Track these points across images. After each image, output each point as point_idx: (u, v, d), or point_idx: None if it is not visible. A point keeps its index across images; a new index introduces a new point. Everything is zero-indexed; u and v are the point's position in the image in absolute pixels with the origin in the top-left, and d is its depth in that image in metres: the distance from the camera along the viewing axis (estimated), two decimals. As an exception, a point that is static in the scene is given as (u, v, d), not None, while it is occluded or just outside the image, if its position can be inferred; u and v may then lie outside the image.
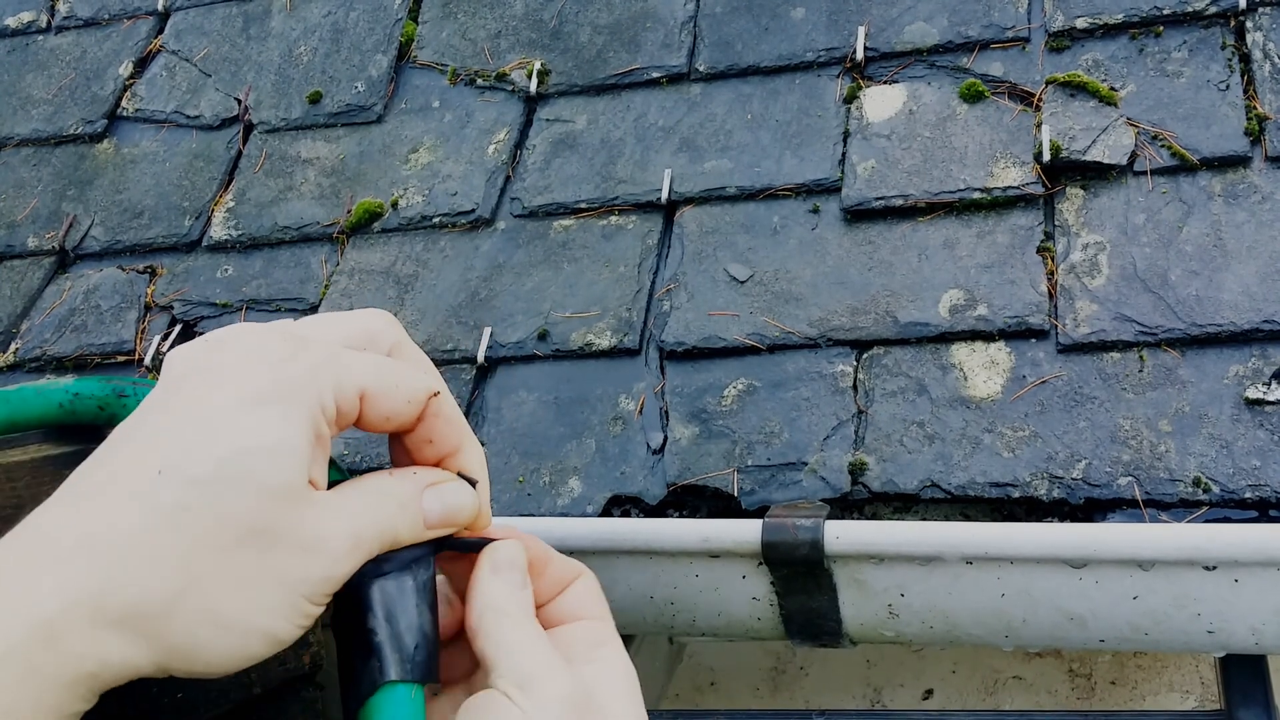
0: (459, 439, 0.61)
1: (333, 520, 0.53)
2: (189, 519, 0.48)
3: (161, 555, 0.47)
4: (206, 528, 0.48)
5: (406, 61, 1.90)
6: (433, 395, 0.59)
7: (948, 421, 1.30)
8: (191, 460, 0.49)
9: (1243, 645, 1.15)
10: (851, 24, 1.68)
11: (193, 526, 0.48)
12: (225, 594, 0.49)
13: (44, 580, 0.46)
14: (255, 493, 0.49)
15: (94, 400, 0.71)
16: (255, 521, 0.49)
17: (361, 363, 0.56)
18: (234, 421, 0.51)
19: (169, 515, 0.48)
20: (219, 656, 0.49)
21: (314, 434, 0.53)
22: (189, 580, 0.48)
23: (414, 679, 0.57)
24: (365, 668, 0.57)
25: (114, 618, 0.46)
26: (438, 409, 0.59)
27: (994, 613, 1.19)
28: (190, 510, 0.48)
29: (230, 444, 0.50)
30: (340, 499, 0.54)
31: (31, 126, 2.05)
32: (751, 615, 1.28)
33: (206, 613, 0.48)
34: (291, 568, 0.51)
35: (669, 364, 1.46)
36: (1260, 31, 1.48)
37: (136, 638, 0.47)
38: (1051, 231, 1.42)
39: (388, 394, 0.56)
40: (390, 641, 0.58)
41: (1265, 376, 1.24)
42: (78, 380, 0.72)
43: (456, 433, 0.60)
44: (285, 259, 1.74)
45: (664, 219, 1.60)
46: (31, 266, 1.86)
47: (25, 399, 0.71)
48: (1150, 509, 1.18)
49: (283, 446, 0.51)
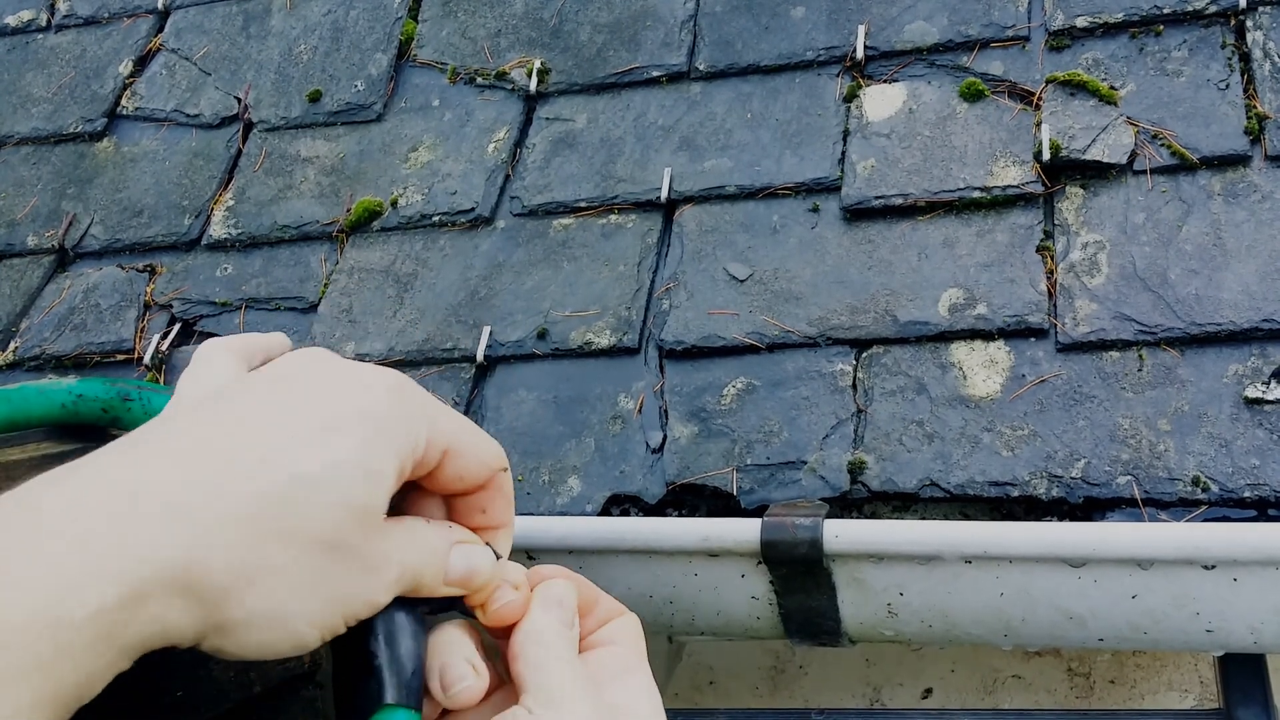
0: (505, 519, 0.63)
1: (392, 549, 0.55)
2: (280, 511, 0.50)
3: (244, 538, 0.49)
4: (293, 524, 0.50)
5: (406, 60, 1.90)
6: (502, 469, 0.61)
7: (947, 420, 1.30)
8: (297, 457, 0.51)
9: (1241, 644, 1.15)
10: (851, 23, 1.68)
11: (281, 519, 0.50)
12: (288, 589, 0.50)
13: (137, 543, 0.47)
14: (340, 505, 0.51)
15: (98, 403, 0.71)
16: (335, 533, 0.51)
17: (452, 419, 0.58)
18: (333, 434, 0.52)
19: (257, 505, 0.50)
20: (252, 645, 0.51)
21: (399, 467, 0.54)
22: (264, 567, 0.50)
23: (411, 705, 0.58)
24: (364, 688, 0.58)
25: (191, 587, 0.48)
26: (501, 483, 0.61)
27: (993, 612, 1.19)
28: (284, 503, 0.50)
29: (326, 454, 0.52)
30: (396, 532, 0.56)
31: (31, 125, 2.05)
32: (751, 614, 1.28)
33: (268, 602, 0.50)
34: (347, 584, 0.53)
35: (668, 363, 1.46)
36: (1260, 31, 1.48)
37: (198, 609, 0.49)
38: (1051, 230, 1.42)
39: (468, 455, 0.58)
40: (390, 665, 0.58)
41: (1264, 375, 1.24)
42: (81, 381, 0.72)
43: (507, 515, 0.62)
44: (285, 258, 1.74)
45: (664, 218, 1.60)
46: (31, 265, 1.86)
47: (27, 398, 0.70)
48: (1149, 508, 1.18)
49: (377, 470, 0.53)
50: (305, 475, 0.51)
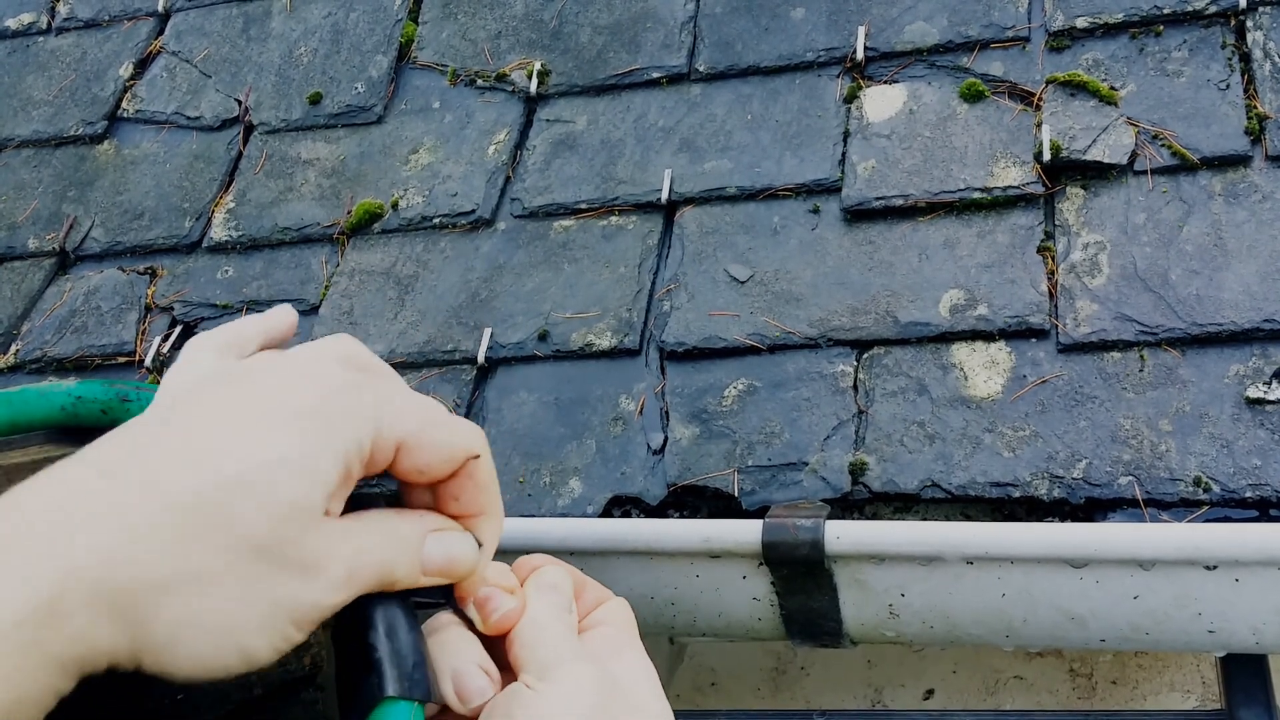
0: (484, 505, 0.60)
1: (335, 548, 0.52)
2: (201, 516, 0.48)
3: (166, 543, 0.47)
4: (216, 527, 0.48)
5: (406, 62, 1.90)
6: (472, 458, 0.58)
7: (948, 421, 1.30)
8: (219, 461, 0.49)
9: (1243, 645, 1.15)
10: (851, 24, 1.68)
11: (203, 523, 0.48)
12: (215, 597, 0.48)
13: (53, 551, 0.45)
14: (271, 505, 0.49)
15: (97, 404, 0.71)
16: (264, 534, 0.49)
17: (413, 411, 0.56)
18: (269, 432, 0.51)
19: (183, 508, 0.48)
20: (192, 661, 0.49)
21: (344, 467, 0.52)
22: (186, 574, 0.48)
23: (414, 697, 0.57)
24: (365, 683, 0.58)
25: (108, 598, 0.46)
26: (472, 471, 0.58)
27: (994, 613, 1.19)
28: (205, 508, 0.48)
29: (260, 453, 0.50)
30: (345, 529, 0.53)
31: (32, 128, 2.06)
32: (752, 615, 1.28)
33: (193, 612, 0.48)
34: (285, 587, 0.50)
35: (669, 364, 1.46)
36: (1260, 31, 1.48)
37: (123, 623, 0.47)
38: (1052, 231, 1.42)
39: (426, 449, 0.56)
40: (391, 658, 0.58)
41: (1266, 376, 1.24)
42: (80, 383, 0.72)
43: (484, 500, 0.60)
44: (286, 260, 1.74)
45: (664, 219, 1.60)
46: (32, 268, 1.86)
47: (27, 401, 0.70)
48: (1151, 509, 1.18)
49: (308, 466, 0.51)
50: (234, 475, 0.49)
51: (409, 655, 0.59)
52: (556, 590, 0.63)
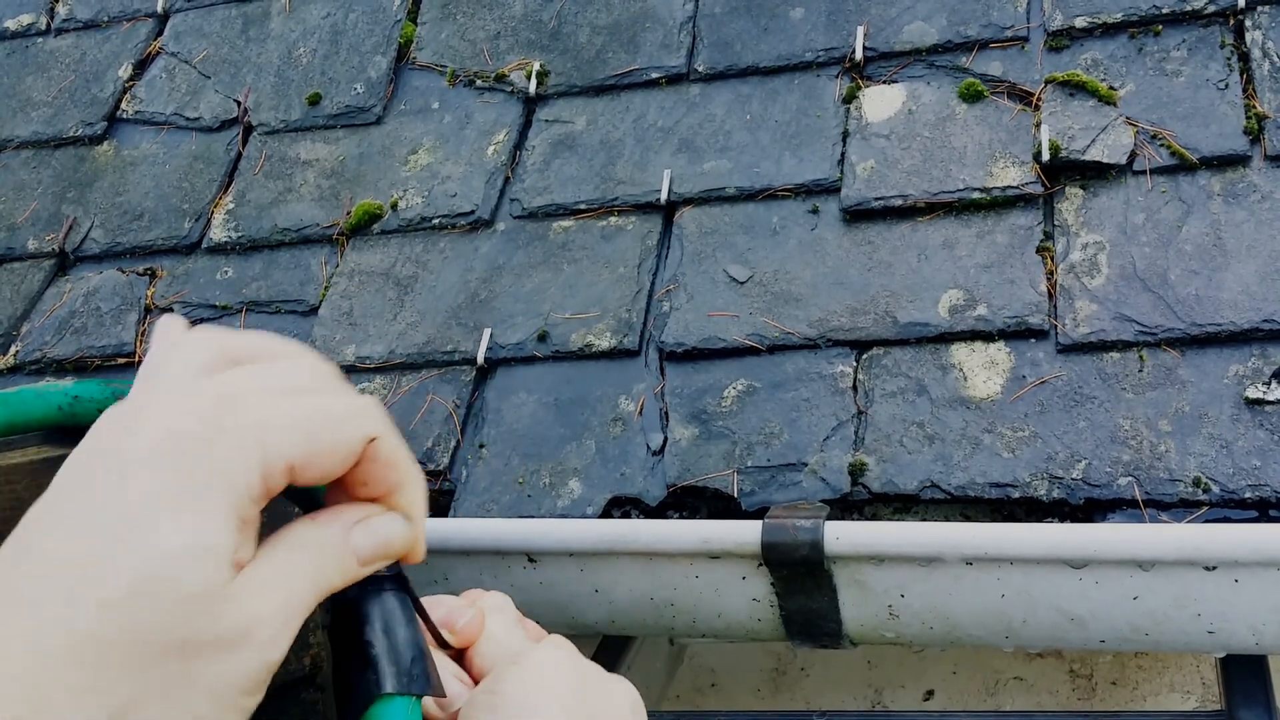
0: (396, 480, 0.57)
1: (256, 607, 0.49)
2: (107, 643, 0.45)
3: (83, 683, 0.44)
4: (126, 649, 0.45)
5: (405, 63, 1.90)
6: (369, 441, 0.55)
7: (947, 422, 1.30)
8: (105, 576, 0.46)
9: (1243, 645, 1.15)
10: (850, 24, 1.68)
11: (112, 651, 0.45)
12: (154, 712, 0.46)
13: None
14: (173, 604, 0.46)
15: (94, 403, 0.71)
16: (176, 634, 0.46)
17: (295, 421, 0.52)
18: (148, 526, 0.47)
19: (87, 640, 0.45)
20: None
21: (238, 522, 0.49)
22: (114, 706, 0.45)
23: (411, 692, 0.57)
24: (362, 679, 0.57)
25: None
26: (374, 454, 0.55)
27: (994, 613, 1.19)
28: (107, 634, 0.45)
29: (144, 554, 0.46)
30: (262, 579, 0.50)
31: (31, 129, 2.06)
32: (752, 616, 1.28)
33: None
34: (218, 672, 0.47)
35: (669, 365, 1.46)
36: (1259, 30, 1.48)
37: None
38: (1051, 231, 1.42)
39: (319, 458, 0.53)
40: (388, 654, 0.58)
41: (1265, 376, 1.24)
42: (77, 383, 0.72)
43: (394, 475, 0.57)
44: (285, 261, 1.74)
45: (663, 220, 1.60)
46: (31, 269, 1.86)
47: (24, 401, 0.70)
48: (1150, 509, 1.18)
49: (201, 550, 0.47)
50: (117, 595, 0.45)
51: (406, 650, 0.58)
52: (502, 610, 0.68)
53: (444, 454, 1.44)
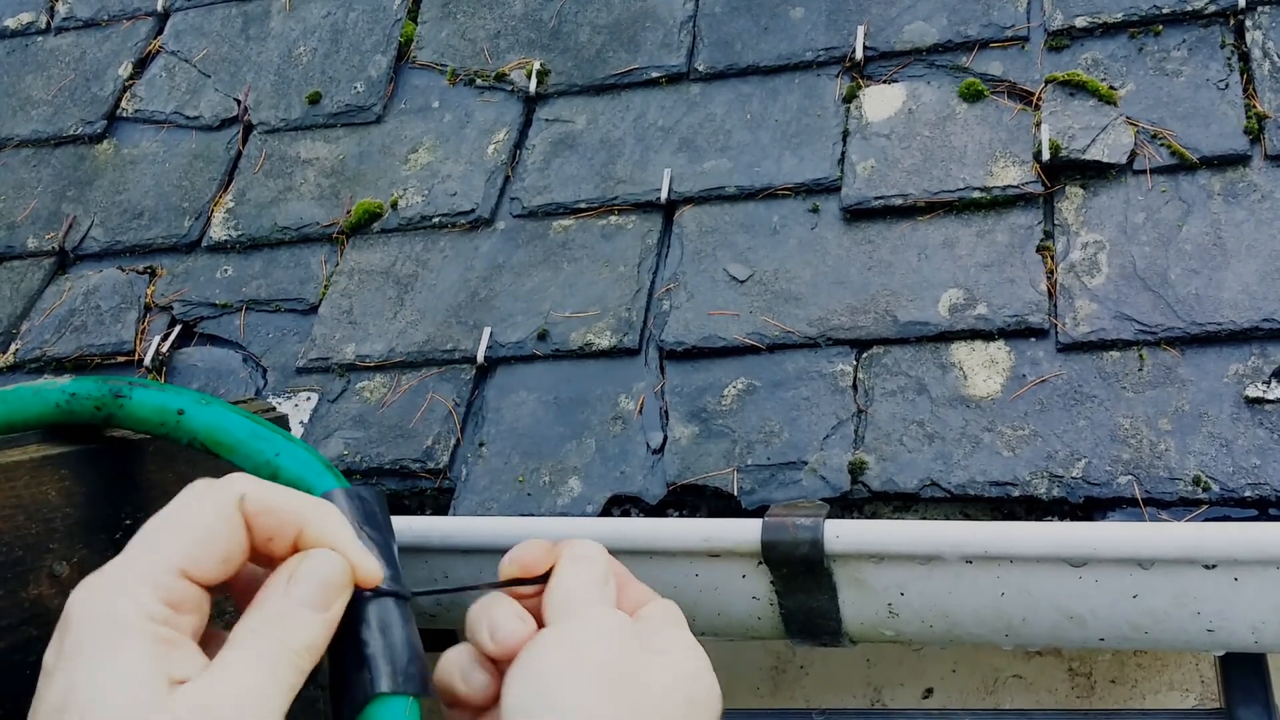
0: (292, 519, 0.57)
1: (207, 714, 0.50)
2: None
3: None
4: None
5: (406, 62, 1.90)
6: (240, 500, 0.56)
7: (947, 420, 1.30)
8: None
9: (1242, 644, 1.15)
10: (851, 23, 1.68)
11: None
12: None
13: None
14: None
15: (90, 400, 0.71)
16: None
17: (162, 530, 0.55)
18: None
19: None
20: None
21: (161, 673, 0.51)
22: None
23: (408, 691, 0.57)
24: (358, 679, 0.58)
25: None
26: (255, 510, 0.56)
27: (994, 612, 1.19)
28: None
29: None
30: (201, 684, 0.51)
31: (31, 127, 2.06)
32: (751, 615, 1.28)
33: None
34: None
35: (669, 364, 1.46)
36: (1259, 30, 1.48)
37: None
38: (1051, 230, 1.42)
39: (202, 544, 0.55)
40: (384, 654, 0.58)
41: (1265, 375, 1.24)
42: (74, 380, 0.72)
43: (286, 516, 0.57)
44: (285, 259, 1.74)
45: (663, 219, 1.60)
46: (31, 267, 1.86)
47: (22, 399, 0.71)
48: (1150, 508, 1.18)
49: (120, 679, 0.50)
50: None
51: (402, 651, 0.58)
52: (589, 561, 0.64)
53: (444, 453, 1.44)
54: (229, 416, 0.69)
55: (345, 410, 1.53)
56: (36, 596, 0.69)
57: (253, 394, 1.60)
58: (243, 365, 1.64)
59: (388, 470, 1.44)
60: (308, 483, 0.66)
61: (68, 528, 0.71)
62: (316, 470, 0.67)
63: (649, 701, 0.58)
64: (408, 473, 1.44)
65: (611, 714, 0.56)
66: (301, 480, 0.66)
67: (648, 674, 0.59)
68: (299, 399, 1.57)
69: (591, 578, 0.63)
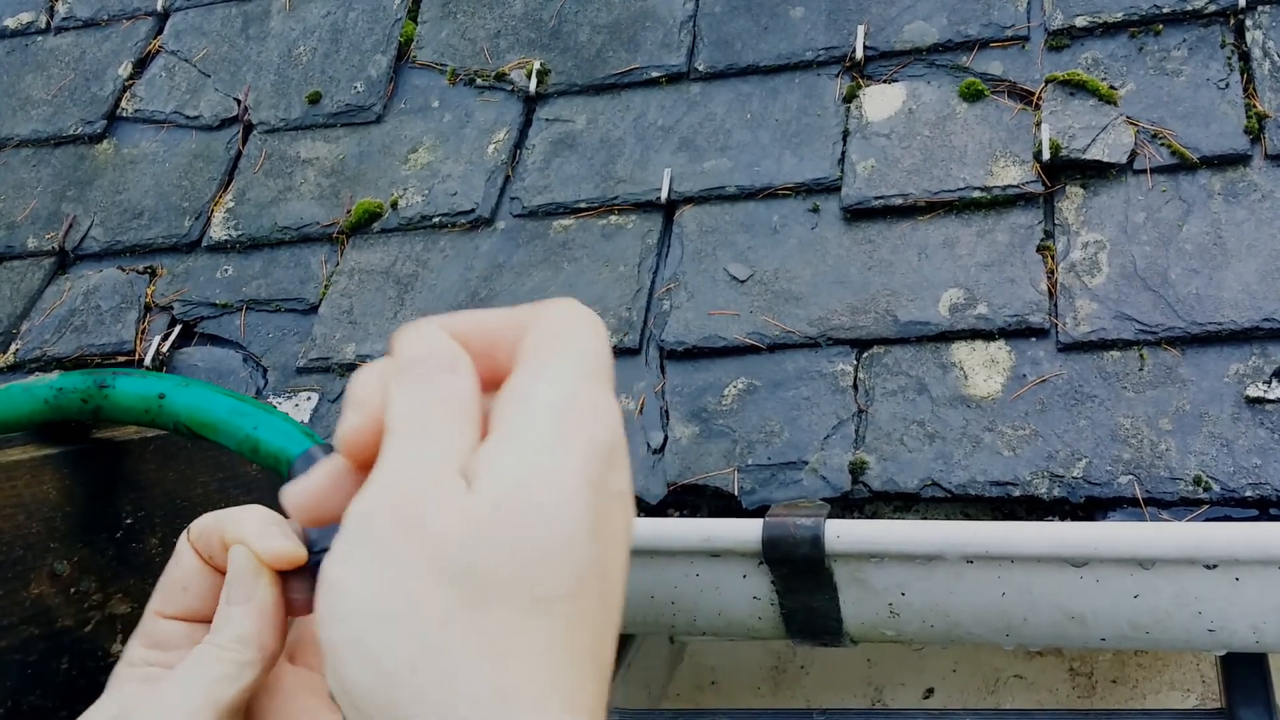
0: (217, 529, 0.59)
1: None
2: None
3: None
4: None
5: (406, 61, 1.90)
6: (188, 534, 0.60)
7: (948, 420, 1.30)
8: None
9: (1244, 644, 1.15)
10: (851, 23, 1.68)
11: None
12: None
13: None
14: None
15: (77, 394, 0.71)
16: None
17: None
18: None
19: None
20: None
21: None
22: None
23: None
24: None
25: None
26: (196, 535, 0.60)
27: (995, 611, 1.19)
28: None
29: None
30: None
31: (31, 127, 2.05)
32: (752, 614, 1.28)
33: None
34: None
35: (669, 363, 1.46)
36: (1260, 30, 1.48)
37: None
38: (1051, 230, 1.42)
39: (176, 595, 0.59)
40: None
41: (1266, 375, 1.24)
42: (62, 375, 0.72)
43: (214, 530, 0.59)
44: (285, 259, 1.74)
45: (664, 218, 1.60)
46: (31, 267, 1.86)
47: (12, 397, 0.70)
48: (1151, 508, 1.18)
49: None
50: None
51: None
52: (418, 363, 0.47)
53: (444, 452, 1.44)
54: (208, 396, 0.69)
55: (345, 410, 1.52)
56: (37, 595, 0.69)
57: (253, 394, 1.60)
58: (243, 365, 1.64)
59: (388, 470, 1.44)
60: (288, 452, 0.66)
61: (68, 527, 0.71)
62: (296, 439, 0.66)
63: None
64: (408, 472, 1.44)
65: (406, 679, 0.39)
66: (283, 450, 0.66)
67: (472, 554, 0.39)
68: (299, 399, 1.57)
69: (420, 378, 0.44)
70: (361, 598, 0.39)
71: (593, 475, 0.41)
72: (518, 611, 0.39)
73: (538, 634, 0.39)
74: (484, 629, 0.38)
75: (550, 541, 0.39)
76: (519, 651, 0.38)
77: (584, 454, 0.41)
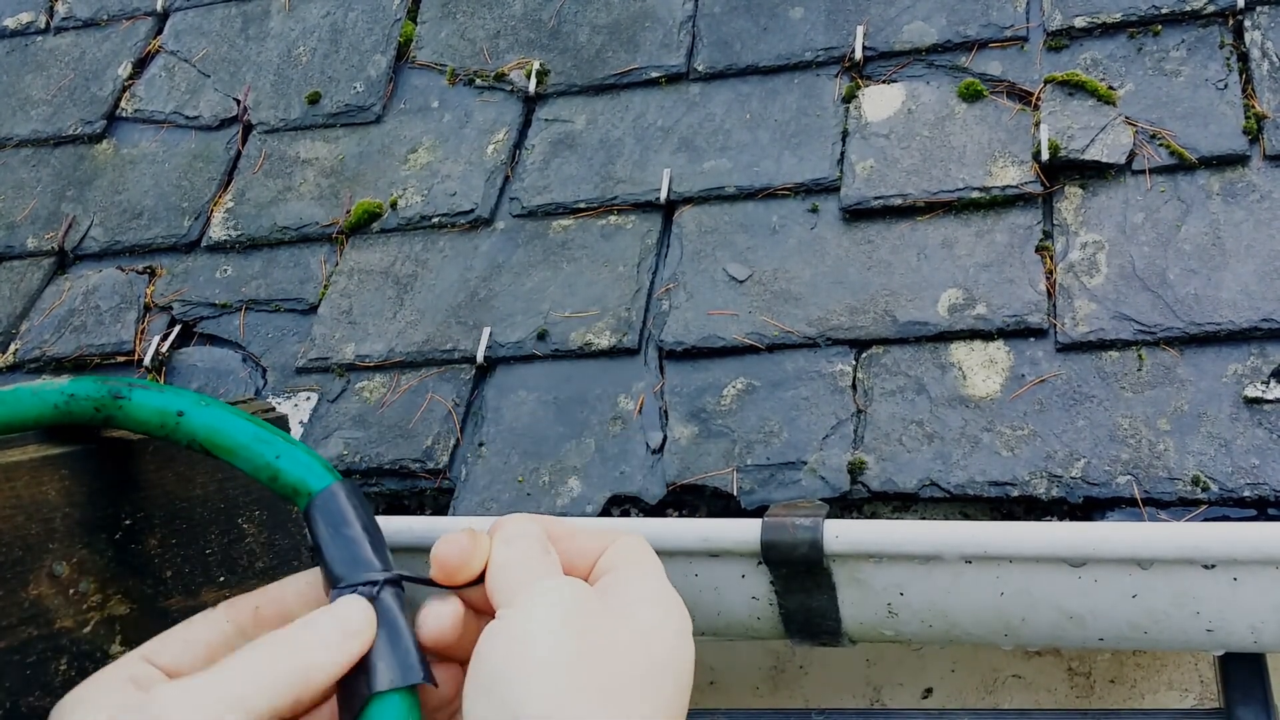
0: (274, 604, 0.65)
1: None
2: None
3: None
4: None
5: (405, 62, 1.90)
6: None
7: (947, 420, 1.30)
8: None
9: (1242, 644, 1.15)
10: (850, 23, 1.68)
11: None
12: None
13: None
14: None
15: (90, 402, 0.71)
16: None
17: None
18: None
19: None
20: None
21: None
22: None
23: (405, 684, 0.58)
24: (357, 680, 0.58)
25: None
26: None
27: (993, 612, 1.19)
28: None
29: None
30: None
31: (31, 127, 2.06)
32: (751, 614, 1.28)
33: None
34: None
35: (668, 363, 1.46)
36: (1258, 30, 1.48)
37: None
38: (1050, 230, 1.42)
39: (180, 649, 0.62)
40: (380, 651, 0.58)
41: (1264, 375, 1.24)
42: (73, 380, 0.71)
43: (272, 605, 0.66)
44: (284, 259, 1.74)
45: (663, 218, 1.60)
46: (31, 267, 1.86)
47: (21, 400, 0.70)
48: (1149, 508, 1.18)
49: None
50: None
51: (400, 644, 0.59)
52: (521, 537, 0.62)
53: (443, 452, 1.44)
54: (229, 419, 0.69)
55: (345, 410, 1.53)
56: (36, 596, 0.69)
57: (252, 394, 1.60)
58: (242, 365, 1.64)
59: (387, 470, 1.44)
60: (308, 485, 0.66)
61: (67, 528, 0.71)
62: (317, 472, 0.67)
63: (617, 669, 0.55)
64: (407, 473, 1.44)
65: (572, 700, 0.52)
66: (302, 482, 0.66)
67: (613, 638, 0.56)
68: (298, 399, 1.57)
69: (527, 553, 0.60)
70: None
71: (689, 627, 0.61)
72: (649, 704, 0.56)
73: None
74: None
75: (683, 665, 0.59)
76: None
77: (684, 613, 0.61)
